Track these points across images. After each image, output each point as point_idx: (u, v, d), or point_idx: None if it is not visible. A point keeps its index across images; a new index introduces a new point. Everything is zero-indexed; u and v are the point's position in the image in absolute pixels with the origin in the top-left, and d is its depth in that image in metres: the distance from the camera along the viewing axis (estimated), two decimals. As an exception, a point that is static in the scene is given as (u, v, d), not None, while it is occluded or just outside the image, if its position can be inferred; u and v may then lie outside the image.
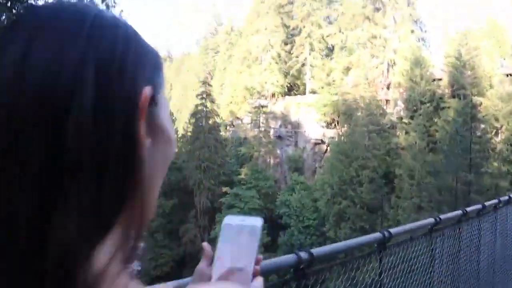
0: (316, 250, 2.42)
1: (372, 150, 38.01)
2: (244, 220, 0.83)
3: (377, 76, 49.36)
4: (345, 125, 43.61)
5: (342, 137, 41.64)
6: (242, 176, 41.40)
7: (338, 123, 47.53)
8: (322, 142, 48.31)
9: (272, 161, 48.58)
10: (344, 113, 44.99)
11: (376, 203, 35.64)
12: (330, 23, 60.21)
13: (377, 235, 3.28)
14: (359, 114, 42.36)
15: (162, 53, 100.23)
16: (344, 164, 37.56)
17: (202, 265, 0.85)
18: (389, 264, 3.46)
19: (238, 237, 0.81)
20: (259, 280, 0.78)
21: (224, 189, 40.13)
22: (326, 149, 47.00)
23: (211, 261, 0.81)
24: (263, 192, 40.36)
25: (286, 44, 58.05)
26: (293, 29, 59.10)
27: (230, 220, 0.84)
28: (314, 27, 56.89)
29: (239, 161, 45.11)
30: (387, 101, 46.69)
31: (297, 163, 46.77)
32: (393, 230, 3.36)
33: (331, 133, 47.35)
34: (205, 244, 0.87)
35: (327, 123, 49.45)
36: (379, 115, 42.01)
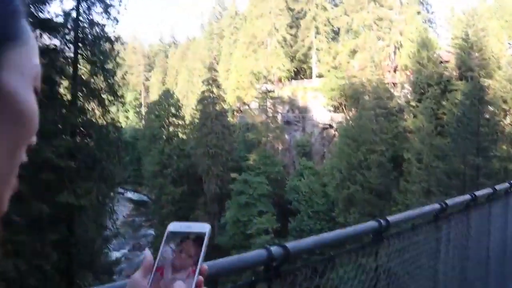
0: (293, 245, 2.00)
1: (379, 134, 38.03)
2: (190, 227, 0.80)
3: (383, 59, 49.08)
4: (353, 109, 43.56)
5: (350, 121, 41.64)
6: (251, 162, 41.61)
7: (345, 107, 47.49)
8: (330, 126, 48.34)
9: (280, 147, 48.75)
10: (351, 97, 44.90)
11: (385, 188, 35.84)
12: (335, 5, 59.64)
13: (372, 224, 2.78)
14: (366, 97, 42.25)
15: (167, 39, 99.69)
16: (352, 148, 37.66)
17: (137, 275, 0.77)
18: (388, 257, 3.03)
19: (181, 246, 0.77)
20: None
21: (233, 175, 40.34)
22: (334, 134, 47.07)
23: (149, 271, 0.76)
24: (272, 177, 40.59)
25: (291, 27, 57.63)
26: (298, 12, 58.60)
27: (174, 227, 0.80)
28: (319, 9, 56.41)
29: (247, 147, 45.29)
30: (394, 84, 46.49)
31: (305, 148, 46.90)
32: (391, 218, 2.86)
33: (338, 117, 47.35)
34: (146, 252, 0.80)
35: (335, 107, 49.38)
36: (386, 99, 41.89)
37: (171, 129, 49.07)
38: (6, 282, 15.72)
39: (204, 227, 0.79)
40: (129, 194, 59.24)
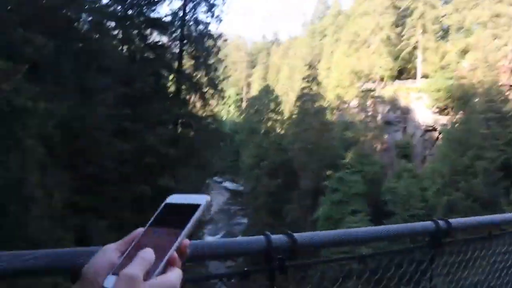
0: (302, 235, 1.61)
1: (490, 140, 35.47)
2: (187, 198, 0.76)
3: (499, 59, 45.50)
4: (460, 112, 41.06)
5: (456, 125, 39.34)
6: (347, 160, 41.18)
7: (452, 110, 44.94)
8: (434, 129, 46.07)
9: (378, 147, 47.56)
10: (460, 98, 42.35)
11: (491, 197, 33.33)
12: (445, 2, 56.59)
13: (426, 224, 2.15)
14: (476, 100, 39.59)
15: (269, 38, 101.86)
16: (457, 153, 35.58)
17: (112, 246, 0.74)
18: (450, 269, 2.38)
19: (171, 219, 0.73)
20: (172, 273, 0.68)
21: (328, 172, 40.25)
22: (438, 137, 44.81)
23: (127, 245, 0.72)
24: (368, 177, 39.79)
25: (396, 26, 55.82)
26: (404, 10, 56.58)
27: (172, 199, 0.77)
28: (427, 7, 53.91)
29: (345, 145, 44.78)
30: (511, 86, 42.95)
31: (406, 149, 45.25)
32: (454, 221, 2.23)
33: (443, 119, 44.93)
34: (139, 229, 0.76)
35: (440, 109, 46.94)
36: (500, 102, 38.84)
37: (269, 123, 50.43)
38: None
39: (200, 199, 0.75)
40: (227, 184, 62.13)
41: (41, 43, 14.04)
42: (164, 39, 27.53)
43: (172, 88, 27.85)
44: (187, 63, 28.18)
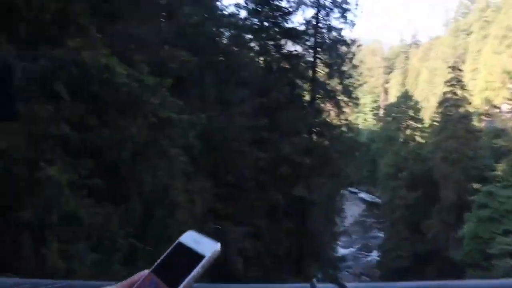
0: (355, 286, 1.27)
1: None
2: (198, 242, 0.67)
3: None
4: None
5: None
6: (498, 172, 36.89)
7: None
8: None
9: (538, 157, 41.82)
10: None
11: None
12: None
13: None
14: None
15: (408, 40, 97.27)
16: None
17: None
18: None
19: (172, 269, 0.65)
20: None
21: (475, 185, 36.53)
22: None
23: None
24: (526, 192, 35.12)
25: (561, 15, 48.95)
26: None
27: (186, 238, 0.69)
28: None
29: (495, 155, 40.18)
30: None
31: None
32: None
33: None
34: (141, 273, 0.69)
35: None
36: None
37: (408, 131, 47.97)
38: (245, 259, 17.85)
39: (209, 248, 0.65)
40: (363, 194, 60.49)
41: (185, 59, 15.26)
42: (299, 48, 27.97)
43: (306, 97, 28.12)
44: (321, 71, 28.20)
